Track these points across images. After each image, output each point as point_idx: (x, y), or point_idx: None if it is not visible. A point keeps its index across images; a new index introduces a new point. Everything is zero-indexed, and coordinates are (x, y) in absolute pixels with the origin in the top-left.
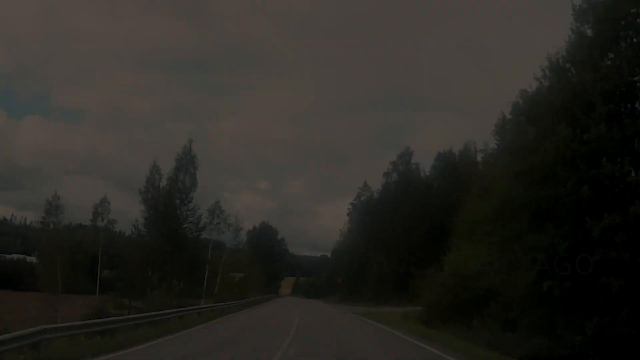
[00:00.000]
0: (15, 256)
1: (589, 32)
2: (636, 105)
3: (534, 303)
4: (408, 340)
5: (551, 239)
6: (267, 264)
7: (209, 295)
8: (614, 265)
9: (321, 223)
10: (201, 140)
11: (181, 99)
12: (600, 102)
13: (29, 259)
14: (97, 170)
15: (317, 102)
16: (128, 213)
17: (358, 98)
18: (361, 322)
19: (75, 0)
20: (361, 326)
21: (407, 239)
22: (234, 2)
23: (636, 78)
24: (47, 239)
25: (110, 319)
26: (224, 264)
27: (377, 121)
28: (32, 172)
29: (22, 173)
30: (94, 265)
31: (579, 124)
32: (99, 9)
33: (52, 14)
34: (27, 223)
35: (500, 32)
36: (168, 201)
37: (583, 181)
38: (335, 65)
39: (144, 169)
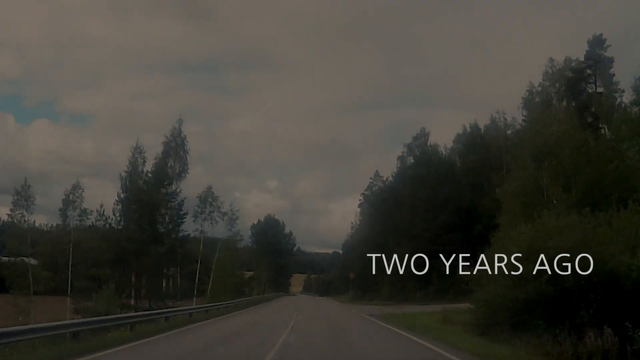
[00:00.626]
0: (13, 259)
1: None
2: None
3: None
4: None
5: None
6: (274, 260)
7: (202, 295)
8: None
9: (332, 221)
10: (210, 141)
11: (189, 101)
12: None
13: (26, 260)
14: (106, 173)
15: (326, 101)
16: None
17: (366, 96)
18: (387, 334)
19: (82, 5)
20: (389, 343)
21: (429, 226)
22: (240, 3)
23: None
24: (13, 235)
25: None
26: (219, 260)
27: (386, 119)
28: (40, 176)
29: (31, 177)
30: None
31: None
32: (106, 13)
33: (59, 19)
34: (36, 226)
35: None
36: (146, 185)
37: None
38: (343, 64)
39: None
